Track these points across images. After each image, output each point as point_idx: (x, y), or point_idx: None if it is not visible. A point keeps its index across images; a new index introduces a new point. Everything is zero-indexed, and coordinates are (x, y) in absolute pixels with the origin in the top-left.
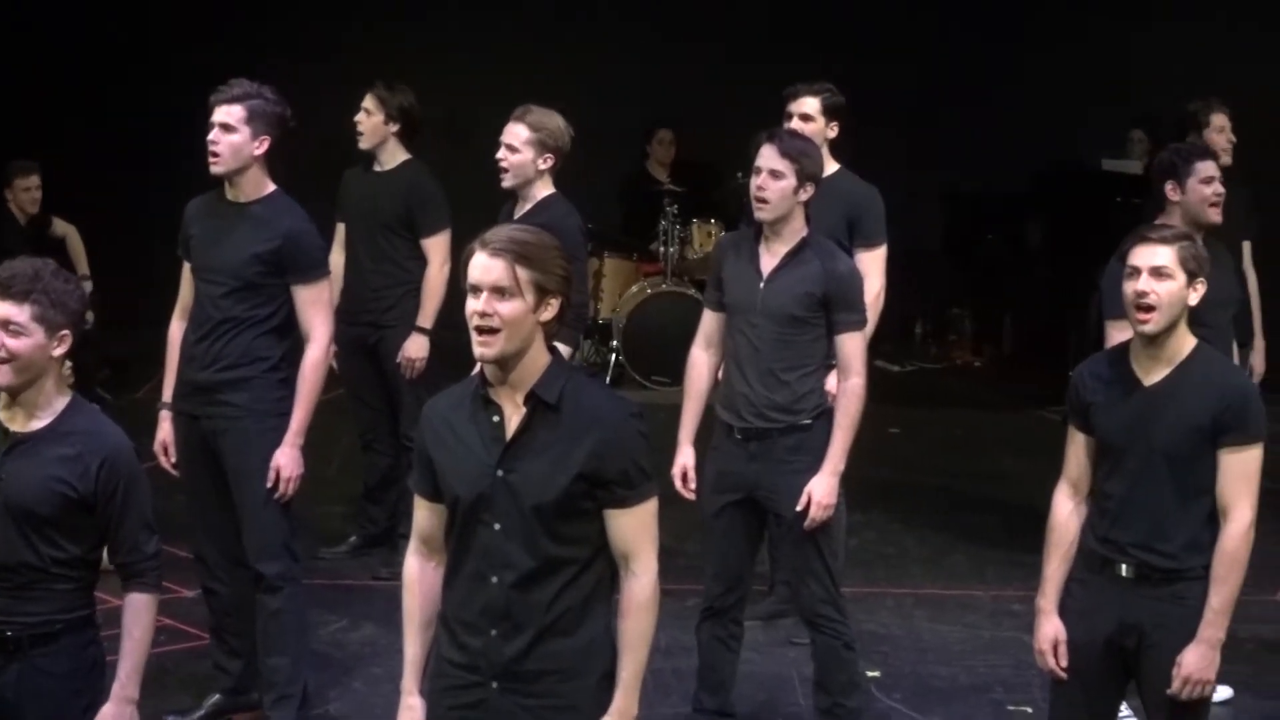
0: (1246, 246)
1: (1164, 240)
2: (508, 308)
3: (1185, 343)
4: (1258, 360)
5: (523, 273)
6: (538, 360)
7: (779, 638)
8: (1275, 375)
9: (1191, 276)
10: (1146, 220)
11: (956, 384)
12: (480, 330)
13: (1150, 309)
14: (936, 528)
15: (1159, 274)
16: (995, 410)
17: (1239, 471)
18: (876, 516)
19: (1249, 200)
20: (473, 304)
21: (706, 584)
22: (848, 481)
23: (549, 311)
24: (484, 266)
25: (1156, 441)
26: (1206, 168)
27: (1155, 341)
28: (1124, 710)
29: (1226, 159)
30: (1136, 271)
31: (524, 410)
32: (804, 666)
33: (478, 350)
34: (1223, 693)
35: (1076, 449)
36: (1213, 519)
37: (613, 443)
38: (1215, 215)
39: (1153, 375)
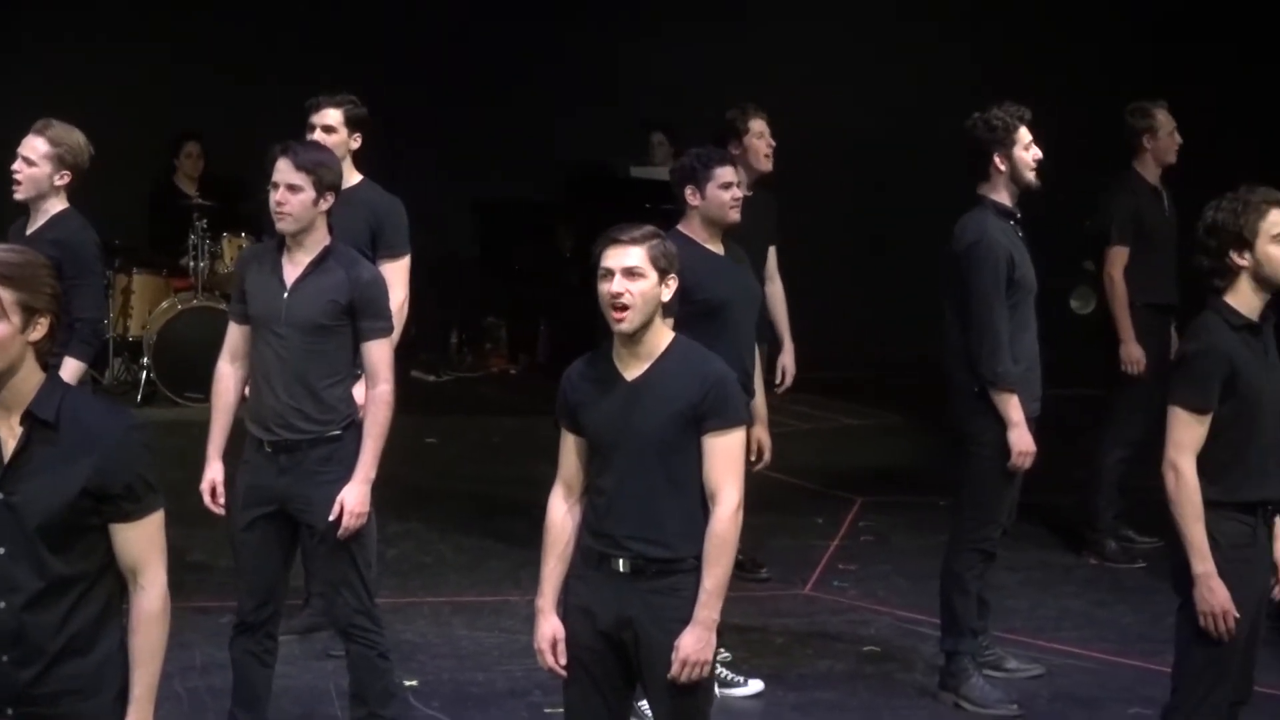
0: (772, 251)
1: (634, 241)
2: None
3: (663, 337)
4: (788, 361)
5: (7, 294)
6: (30, 380)
7: (315, 650)
8: (801, 375)
9: (663, 274)
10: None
11: (493, 392)
12: None
13: (625, 308)
14: (473, 535)
15: (631, 274)
16: (531, 416)
17: (723, 455)
18: (414, 526)
19: (775, 206)
20: None
21: (239, 599)
22: (385, 491)
23: (39, 331)
24: None
25: (642, 433)
26: (725, 173)
27: (633, 338)
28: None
29: (767, 165)
30: (609, 273)
31: (20, 431)
32: (341, 678)
33: None
34: (754, 686)
35: (568, 450)
36: (705, 507)
37: (115, 457)
38: (734, 215)
39: (634, 370)
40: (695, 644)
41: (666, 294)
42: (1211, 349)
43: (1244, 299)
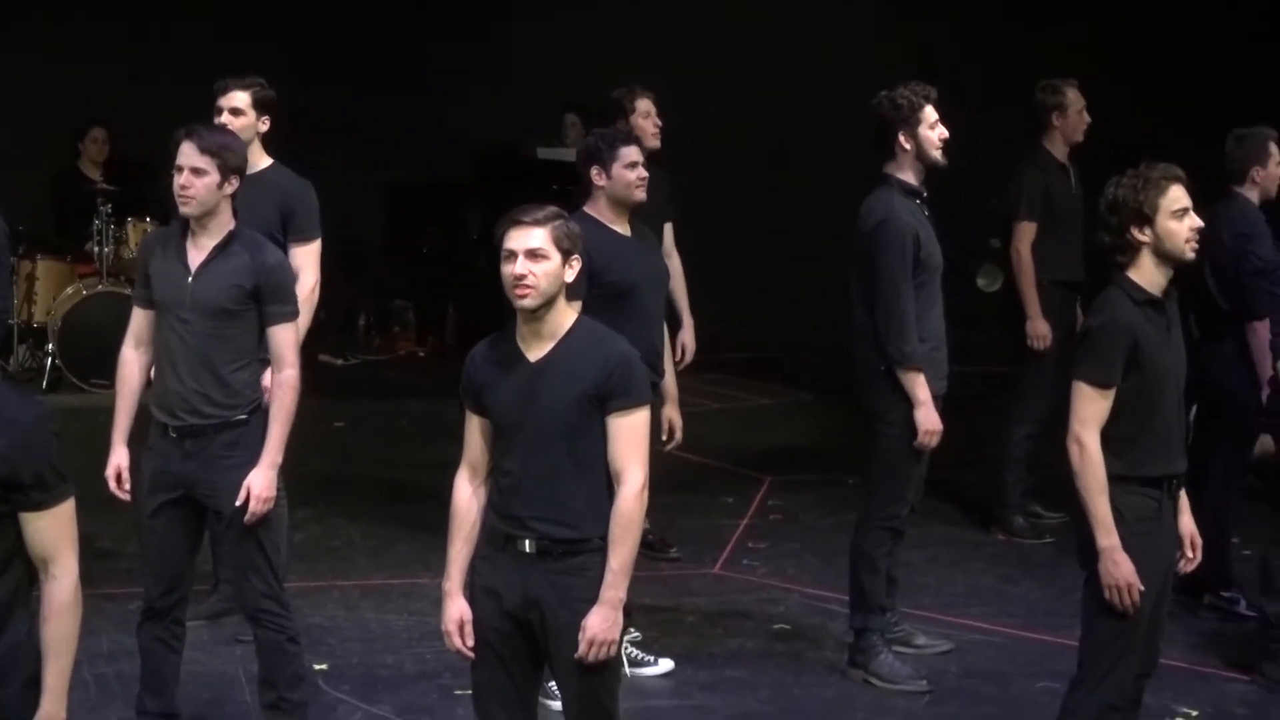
0: (668, 229)
1: (537, 222)
2: None
3: (566, 317)
4: (688, 338)
5: None
6: None
7: (224, 636)
8: (713, 355)
9: (566, 254)
10: (576, 207)
11: (400, 375)
12: None
13: (528, 288)
14: (381, 519)
15: (534, 256)
16: (439, 399)
17: (628, 435)
18: (322, 510)
19: (669, 184)
20: None
21: (146, 585)
22: (292, 476)
23: None
24: None
25: (546, 414)
26: (630, 152)
27: (537, 318)
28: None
29: (655, 143)
30: (513, 255)
31: None
32: (250, 664)
33: None
34: (664, 665)
35: (473, 431)
36: (611, 488)
37: (23, 445)
38: (640, 195)
39: (537, 351)
40: (602, 624)
41: (570, 275)
42: (1114, 324)
43: (1146, 274)
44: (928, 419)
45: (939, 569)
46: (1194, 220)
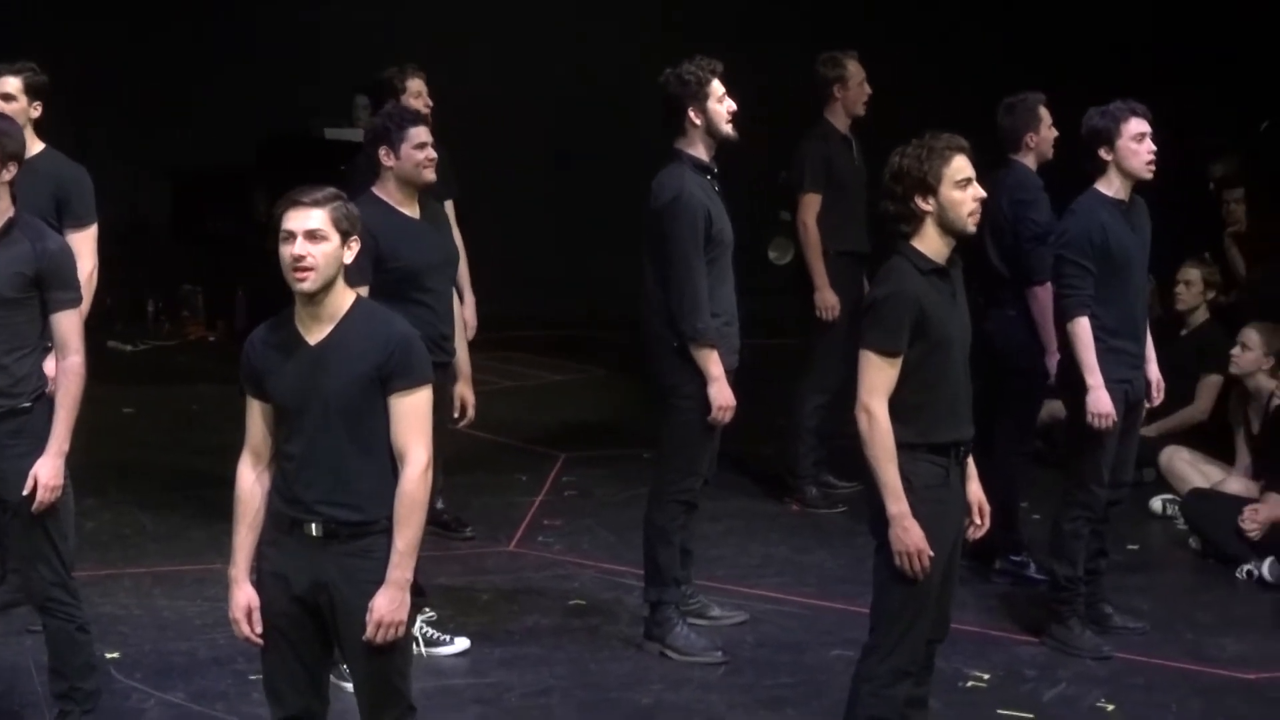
0: (449, 205)
1: (316, 203)
2: None
3: (345, 299)
4: (469, 314)
5: None
6: None
7: (14, 627)
8: (505, 333)
9: (345, 235)
10: (357, 188)
11: (190, 360)
12: None
13: (307, 270)
14: (173, 505)
15: (313, 236)
16: (229, 384)
17: (409, 415)
18: (112, 498)
19: (449, 161)
20: None
21: None
22: (81, 463)
23: None
24: None
25: (328, 397)
26: (419, 133)
27: (315, 300)
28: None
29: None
30: (291, 236)
31: None
32: (40, 654)
33: None
34: (460, 644)
35: (254, 416)
36: (396, 469)
37: None
38: (429, 175)
39: (316, 334)
40: (389, 605)
41: (348, 256)
42: (900, 293)
43: (931, 244)
44: (721, 395)
45: (733, 540)
46: (977, 190)
